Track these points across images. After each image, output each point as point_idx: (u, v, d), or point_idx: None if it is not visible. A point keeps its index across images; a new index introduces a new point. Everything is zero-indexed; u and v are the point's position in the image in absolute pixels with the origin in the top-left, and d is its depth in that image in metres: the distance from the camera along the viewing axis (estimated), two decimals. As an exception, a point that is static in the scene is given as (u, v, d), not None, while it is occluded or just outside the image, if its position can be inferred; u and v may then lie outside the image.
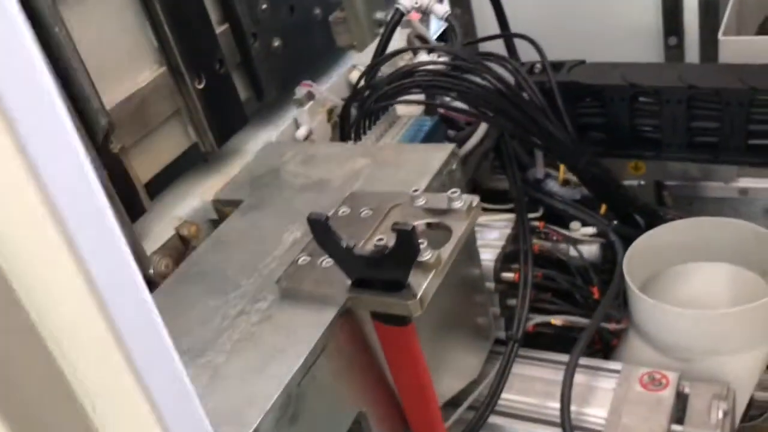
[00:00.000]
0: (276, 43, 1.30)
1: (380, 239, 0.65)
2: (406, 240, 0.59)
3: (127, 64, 1.06)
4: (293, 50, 1.33)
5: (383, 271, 0.63)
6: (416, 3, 1.08)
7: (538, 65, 1.21)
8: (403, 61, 1.13)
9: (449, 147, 0.87)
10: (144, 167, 1.10)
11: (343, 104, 1.10)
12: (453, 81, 0.99)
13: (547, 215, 1.14)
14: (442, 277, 0.66)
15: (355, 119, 1.03)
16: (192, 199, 1.14)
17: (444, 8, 1.09)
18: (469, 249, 0.91)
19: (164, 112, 1.11)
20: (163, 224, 1.09)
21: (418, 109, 1.10)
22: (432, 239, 0.71)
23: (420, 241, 0.65)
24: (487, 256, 1.01)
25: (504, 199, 1.13)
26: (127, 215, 1.04)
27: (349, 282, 0.66)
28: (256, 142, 1.25)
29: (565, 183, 1.14)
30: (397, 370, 0.72)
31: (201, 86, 1.13)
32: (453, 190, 0.72)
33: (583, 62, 1.22)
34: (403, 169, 0.87)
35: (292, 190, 0.88)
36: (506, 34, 1.24)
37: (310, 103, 1.09)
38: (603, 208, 1.14)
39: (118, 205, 0.94)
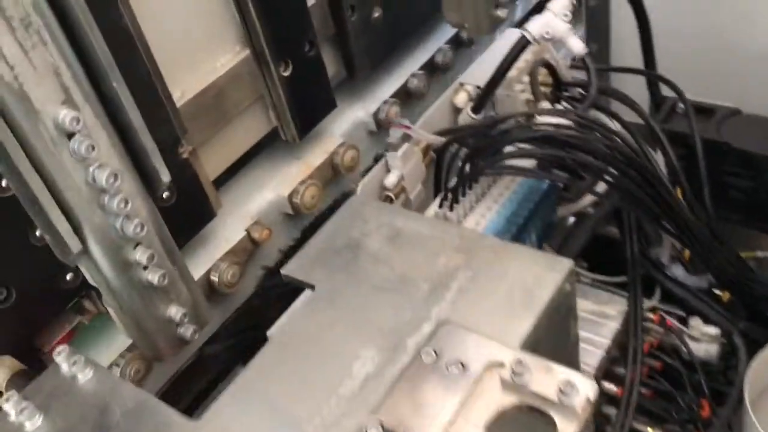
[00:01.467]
0: (376, 13, 1.12)
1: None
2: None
3: (205, 47, 0.92)
4: (394, 22, 1.16)
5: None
6: (547, 33, 0.88)
7: (681, 107, 1.01)
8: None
9: (566, 265, 0.72)
10: (216, 161, 0.99)
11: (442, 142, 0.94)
12: (571, 151, 0.82)
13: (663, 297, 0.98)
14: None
15: (454, 184, 0.87)
16: (267, 192, 1.03)
17: (580, 45, 0.88)
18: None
19: (244, 101, 0.98)
20: (234, 221, 1.00)
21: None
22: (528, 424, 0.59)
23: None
24: (589, 360, 0.87)
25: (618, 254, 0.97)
26: (194, 225, 0.95)
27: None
28: (341, 123, 1.12)
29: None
30: None
31: (287, 73, 0.99)
32: (567, 381, 0.58)
33: (738, 112, 1.01)
34: (505, 285, 0.72)
35: (369, 285, 0.75)
36: (634, 70, 1.03)
37: (405, 145, 0.93)
38: (726, 295, 0.97)
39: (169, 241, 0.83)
